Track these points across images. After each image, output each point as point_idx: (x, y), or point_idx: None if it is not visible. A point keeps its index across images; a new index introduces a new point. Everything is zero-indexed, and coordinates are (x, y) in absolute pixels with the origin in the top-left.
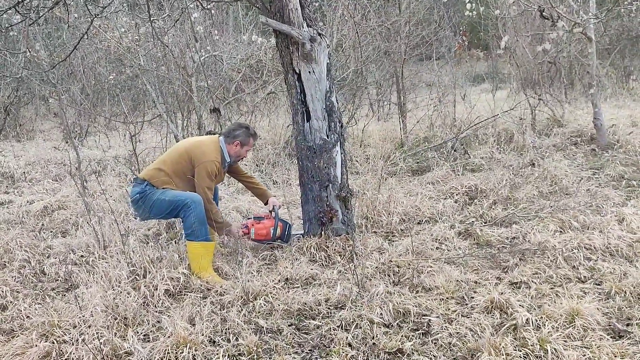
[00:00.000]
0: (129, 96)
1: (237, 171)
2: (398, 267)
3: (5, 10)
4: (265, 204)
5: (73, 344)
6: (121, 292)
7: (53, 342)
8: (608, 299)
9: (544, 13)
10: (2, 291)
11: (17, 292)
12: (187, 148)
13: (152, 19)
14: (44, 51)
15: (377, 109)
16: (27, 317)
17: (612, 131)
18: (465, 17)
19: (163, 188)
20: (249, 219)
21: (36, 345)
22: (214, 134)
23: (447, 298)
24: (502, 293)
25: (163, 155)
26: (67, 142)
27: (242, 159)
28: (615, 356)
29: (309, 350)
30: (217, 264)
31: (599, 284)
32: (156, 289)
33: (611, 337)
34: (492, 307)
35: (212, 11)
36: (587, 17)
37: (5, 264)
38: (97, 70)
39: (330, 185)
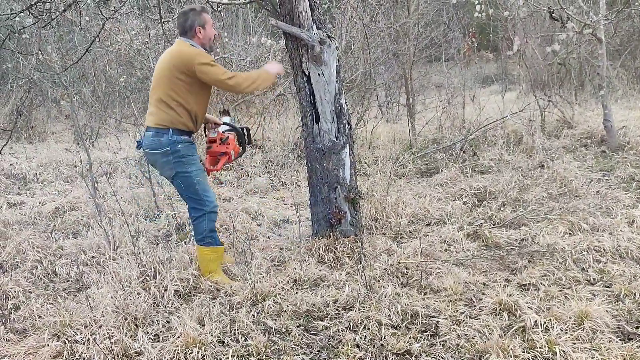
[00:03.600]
0: (139, 98)
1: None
2: (406, 268)
3: (19, 12)
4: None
5: (84, 344)
6: (131, 293)
7: (64, 342)
8: (617, 301)
9: (553, 14)
10: (15, 291)
11: (29, 292)
12: (170, 67)
13: (162, 21)
14: (55, 54)
15: (385, 110)
16: (39, 317)
17: (622, 133)
18: (474, 19)
19: (191, 141)
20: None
21: (48, 345)
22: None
23: (456, 300)
24: (510, 295)
25: (155, 94)
26: (78, 144)
27: (215, 39)
28: (624, 359)
29: (317, 351)
30: (226, 265)
31: (608, 287)
32: (166, 290)
33: (620, 339)
34: (500, 308)
35: (222, 13)
36: (597, 18)
37: (17, 265)
38: (108, 72)
39: (339, 186)
